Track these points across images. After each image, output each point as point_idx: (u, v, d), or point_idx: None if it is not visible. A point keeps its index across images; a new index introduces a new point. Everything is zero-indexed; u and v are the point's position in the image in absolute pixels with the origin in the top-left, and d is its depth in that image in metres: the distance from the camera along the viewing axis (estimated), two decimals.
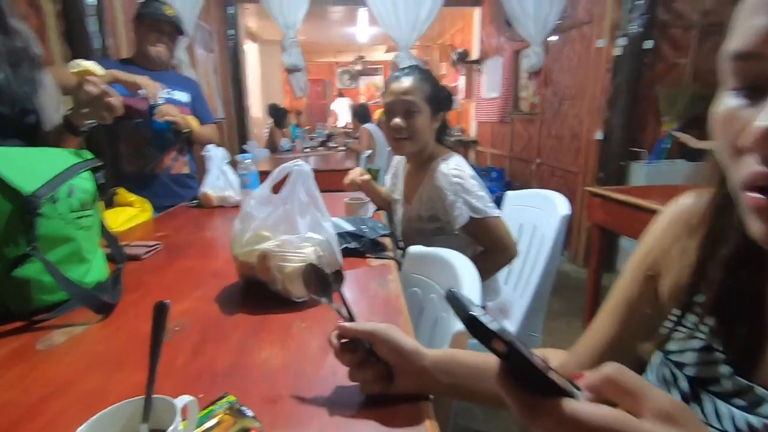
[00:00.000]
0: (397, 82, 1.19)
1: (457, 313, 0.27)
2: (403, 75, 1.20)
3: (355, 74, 10.24)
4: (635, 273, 0.50)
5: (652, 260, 0.48)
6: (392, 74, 1.25)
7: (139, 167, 1.72)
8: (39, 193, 0.72)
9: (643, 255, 0.50)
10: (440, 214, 1.19)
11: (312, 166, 3.08)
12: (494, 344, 0.26)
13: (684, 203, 0.48)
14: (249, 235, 0.81)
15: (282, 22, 2.79)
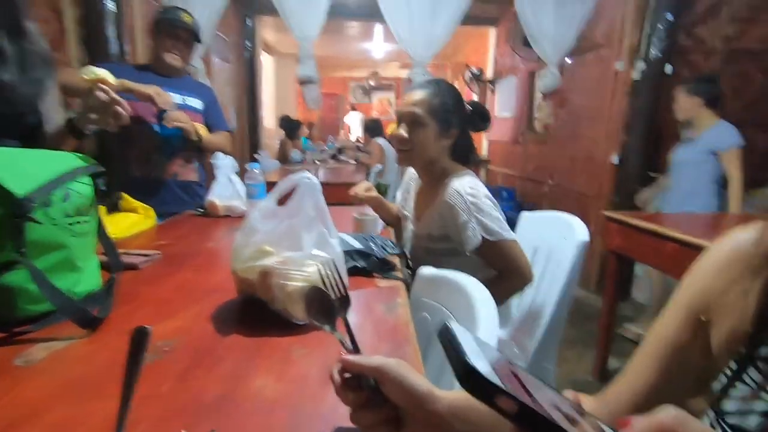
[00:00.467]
0: (409, 93, 1.16)
1: (449, 358, 0.21)
2: (418, 87, 1.16)
3: (368, 89, 10.33)
4: (681, 315, 0.44)
5: (704, 303, 0.42)
6: (411, 85, 1.22)
7: (146, 173, 1.69)
8: (32, 196, 0.68)
9: (691, 295, 0.44)
10: (452, 234, 1.13)
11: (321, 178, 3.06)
12: (500, 402, 0.20)
13: (742, 239, 0.42)
14: (251, 249, 0.76)
15: (299, 34, 2.80)
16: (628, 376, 0.48)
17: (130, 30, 2.70)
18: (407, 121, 1.14)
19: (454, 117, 1.16)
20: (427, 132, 1.13)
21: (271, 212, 0.80)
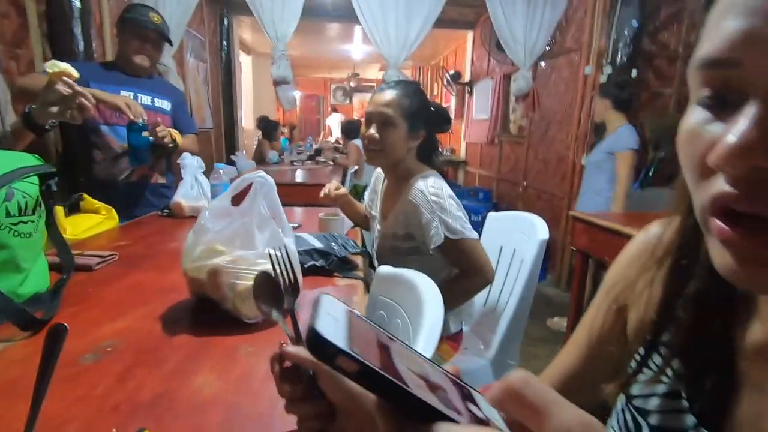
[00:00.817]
0: (379, 94, 1.17)
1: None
2: (388, 88, 1.18)
3: (348, 91, 10.32)
4: (604, 305, 0.46)
5: (619, 292, 0.44)
6: (381, 86, 1.23)
7: (111, 175, 1.65)
8: None
9: (609, 286, 0.46)
10: (416, 233, 1.15)
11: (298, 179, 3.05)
12: (340, 362, 0.21)
13: (653, 232, 0.44)
14: (201, 248, 0.75)
15: (273, 34, 2.78)
16: (557, 364, 0.50)
17: (98, 27, 2.63)
18: (378, 122, 1.15)
19: (422, 118, 1.18)
20: (398, 132, 1.15)
21: (223, 211, 0.80)
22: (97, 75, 1.60)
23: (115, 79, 1.62)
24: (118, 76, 1.64)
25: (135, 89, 1.64)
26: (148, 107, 1.66)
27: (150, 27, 1.63)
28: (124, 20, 1.65)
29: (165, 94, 1.76)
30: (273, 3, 2.74)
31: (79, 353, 0.61)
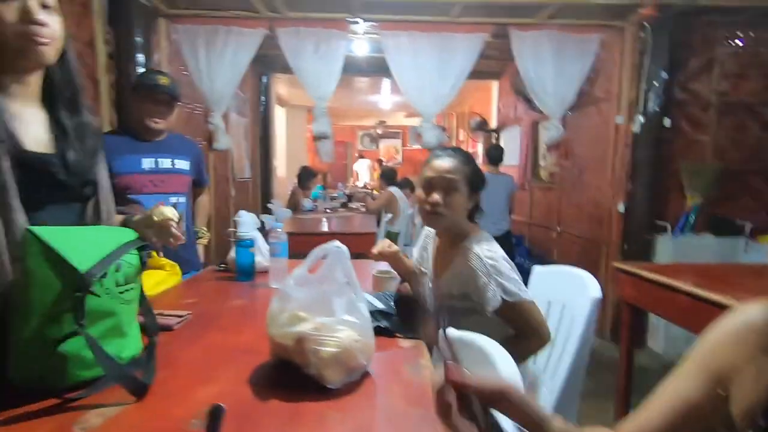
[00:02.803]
0: (440, 160, 1.24)
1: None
2: (447, 155, 1.26)
3: (375, 137, 10.68)
4: (699, 377, 0.48)
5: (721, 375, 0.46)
6: (435, 152, 1.30)
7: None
8: (92, 271, 0.74)
9: (708, 362, 0.48)
10: (472, 294, 1.18)
11: (333, 228, 3.12)
12: None
13: (752, 315, 0.46)
14: (286, 315, 0.81)
15: (314, 93, 2.98)
16: (640, 419, 0.52)
17: None
18: (443, 187, 1.22)
19: (477, 182, 1.25)
20: (461, 196, 1.22)
21: (304, 279, 0.86)
22: (115, 147, 1.57)
23: (134, 148, 1.67)
24: (136, 145, 1.68)
25: (155, 154, 1.70)
26: (169, 171, 1.73)
27: (161, 90, 1.67)
28: (135, 86, 1.70)
29: (184, 153, 1.80)
30: (315, 65, 2.96)
31: (185, 418, 0.66)
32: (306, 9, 2.84)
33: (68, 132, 0.92)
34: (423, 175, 1.27)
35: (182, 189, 1.77)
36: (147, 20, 2.70)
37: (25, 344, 0.71)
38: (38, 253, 0.70)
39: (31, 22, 0.78)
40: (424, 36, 2.94)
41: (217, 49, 2.92)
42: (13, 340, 0.71)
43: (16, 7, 0.77)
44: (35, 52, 0.80)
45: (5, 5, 0.77)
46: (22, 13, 0.78)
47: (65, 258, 0.71)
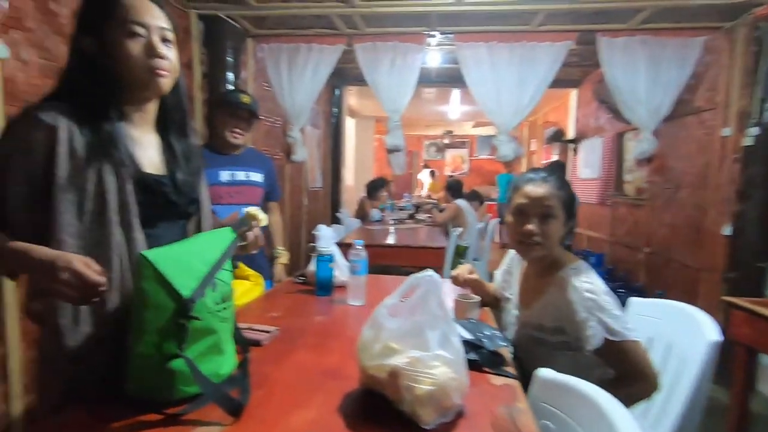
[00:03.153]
0: (533, 186, 1.16)
1: None
2: (540, 179, 1.16)
3: (441, 147, 10.59)
4: None
5: None
6: (527, 176, 1.21)
7: None
8: (194, 296, 0.76)
9: None
10: (568, 329, 1.08)
11: (402, 241, 3.09)
12: None
13: None
14: (379, 346, 0.79)
15: (389, 107, 3.00)
16: None
17: None
18: (538, 215, 1.14)
19: (573, 206, 1.16)
20: (557, 224, 1.14)
21: (396, 308, 0.84)
22: None
23: (214, 160, 1.77)
24: (216, 158, 1.79)
25: (232, 167, 1.81)
26: (244, 182, 1.82)
27: (244, 107, 1.78)
28: (220, 102, 1.82)
29: (257, 167, 1.90)
30: (390, 79, 2.98)
31: None
32: (384, 24, 2.87)
33: (177, 154, 0.98)
34: (514, 202, 1.20)
35: (255, 200, 1.85)
36: (237, 41, 2.89)
37: (139, 359, 0.75)
38: (151, 276, 0.74)
39: (155, 56, 0.84)
40: (504, 46, 2.85)
41: (298, 65, 3.05)
42: (130, 354, 0.76)
43: (142, 43, 0.84)
44: (157, 84, 0.86)
45: (134, 41, 0.83)
46: (147, 48, 0.84)
47: (172, 283, 0.74)
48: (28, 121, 0.76)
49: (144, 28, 0.83)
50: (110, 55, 0.83)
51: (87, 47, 0.84)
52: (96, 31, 0.83)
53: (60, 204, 0.77)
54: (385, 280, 1.86)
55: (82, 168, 0.79)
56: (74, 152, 0.79)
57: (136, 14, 0.83)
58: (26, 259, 0.73)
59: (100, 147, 0.81)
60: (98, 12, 0.83)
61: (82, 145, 0.80)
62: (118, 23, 0.82)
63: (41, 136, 0.76)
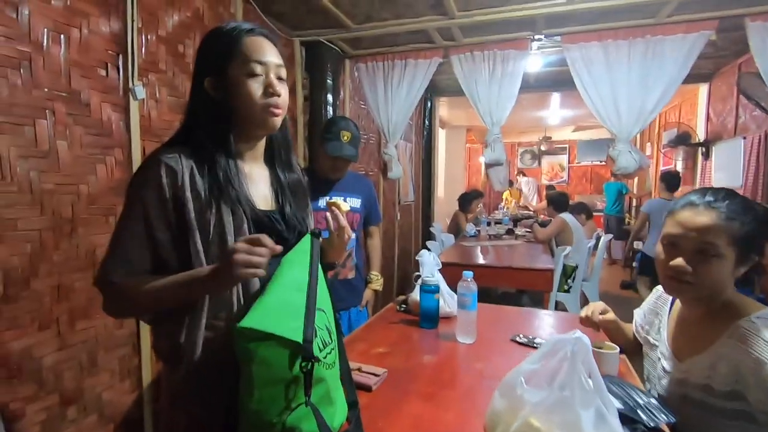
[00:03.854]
0: (692, 212, 0.91)
1: None
2: (704, 204, 0.91)
3: (537, 154, 9.96)
4: None
5: None
6: (688, 197, 0.96)
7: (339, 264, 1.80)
8: (307, 335, 0.71)
9: None
10: (752, 395, 0.84)
11: (502, 260, 2.87)
12: None
13: None
14: (517, 425, 0.66)
15: (488, 120, 2.83)
16: None
17: None
18: (691, 250, 0.91)
19: (757, 240, 0.90)
20: (722, 264, 0.89)
21: (534, 374, 0.70)
22: None
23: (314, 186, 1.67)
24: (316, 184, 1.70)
25: (331, 192, 1.76)
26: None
27: (345, 155, 1.70)
28: (322, 140, 1.74)
29: (356, 192, 1.84)
30: (490, 90, 2.82)
31: None
32: (482, 33, 2.73)
33: (285, 188, 0.96)
34: (665, 229, 0.98)
35: (352, 226, 1.80)
36: (335, 64, 2.97)
37: (251, 416, 0.72)
38: (255, 338, 0.69)
39: (272, 94, 0.83)
40: (622, 44, 2.52)
41: (393, 82, 3.03)
42: (241, 409, 0.73)
43: (261, 82, 0.84)
44: (271, 122, 0.86)
45: (254, 80, 0.83)
46: (266, 86, 0.84)
47: (282, 336, 0.69)
48: (156, 167, 0.79)
49: (263, 67, 0.84)
50: (231, 94, 0.84)
51: (209, 87, 0.85)
52: (218, 71, 0.85)
53: (191, 247, 0.78)
54: (495, 312, 1.71)
55: (204, 210, 0.80)
56: (197, 194, 0.80)
57: (256, 54, 0.83)
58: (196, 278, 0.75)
59: (219, 188, 0.81)
60: (221, 53, 0.85)
61: (203, 186, 0.80)
62: (240, 63, 0.83)
63: (169, 180, 0.78)
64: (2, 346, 1.28)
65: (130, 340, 1.70)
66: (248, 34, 0.84)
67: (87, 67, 1.50)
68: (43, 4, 1.36)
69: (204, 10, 2.02)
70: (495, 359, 1.22)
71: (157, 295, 0.77)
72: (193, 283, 0.76)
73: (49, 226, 1.40)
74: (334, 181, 1.80)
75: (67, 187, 1.45)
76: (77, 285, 1.49)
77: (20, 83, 1.31)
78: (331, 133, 1.72)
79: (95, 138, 1.54)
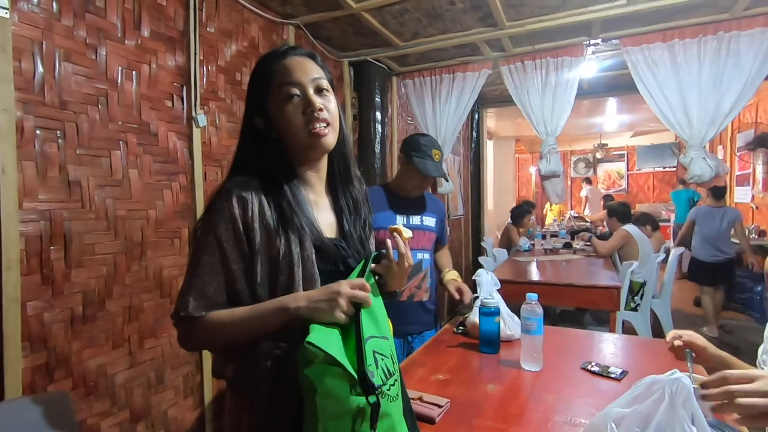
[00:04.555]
0: None
1: None
2: None
3: (591, 162, 9.49)
4: None
5: None
6: None
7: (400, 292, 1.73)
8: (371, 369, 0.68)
9: None
10: None
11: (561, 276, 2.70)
12: None
13: None
14: None
15: (542, 130, 2.72)
16: None
17: (390, 147, 3.16)
18: None
19: None
20: None
21: (624, 419, 0.63)
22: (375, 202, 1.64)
23: (392, 204, 1.70)
24: (393, 202, 1.71)
25: (408, 211, 1.71)
26: (418, 227, 1.71)
27: (432, 174, 1.63)
28: (410, 158, 1.66)
29: (432, 211, 1.78)
30: (543, 100, 2.71)
31: None
32: (534, 41, 2.64)
33: (346, 208, 0.94)
34: None
35: (428, 245, 1.76)
36: (383, 81, 2.99)
37: None
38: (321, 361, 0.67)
39: (312, 110, 0.80)
40: (691, 43, 2.34)
41: (441, 96, 3.01)
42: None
43: (299, 102, 0.81)
44: (320, 144, 0.82)
45: (291, 103, 0.81)
46: (304, 104, 0.81)
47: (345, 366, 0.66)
48: (228, 198, 0.79)
49: (298, 86, 0.81)
50: (276, 126, 0.83)
51: (259, 124, 0.85)
52: (261, 106, 0.84)
53: (258, 276, 0.78)
54: (560, 335, 1.60)
55: (273, 239, 0.79)
56: (266, 224, 0.79)
57: (288, 75, 0.81)
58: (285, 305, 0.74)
59: (286, 218, 0.80)
60: (260, 86, 0.84)
61: (271, 216, 0.80)
62: (276, 92, 0.82)
63: (240, 211, 0.78)
64: (81, 364, 1.36)
65: (193, 359, 1.76)
66: (281, 59, 0.83)
67: (155, 99, 1.60)
68: (118, 45, 1.47)
69: (259, 39, 2.11)
70: (566, 390, 1.13)
71: (242, 327, 0.76)
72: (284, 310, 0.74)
73: (121, 250, 1.49)
74: (412, 199, 1.76)
75: (137, 213, 1.54)
76: (146, 305, 1.57)
77: (98, 118, 1.41)
78: (420, 152, 1.65)
79: (162, 165, 1.63)
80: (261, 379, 0.78)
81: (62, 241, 1.31)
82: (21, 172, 1.22)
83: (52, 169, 1.29)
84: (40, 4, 1.26)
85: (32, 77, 1.25)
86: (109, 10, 1.44)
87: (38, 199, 1.26)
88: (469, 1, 2.15)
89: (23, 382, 1.21)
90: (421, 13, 2.28)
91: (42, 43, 1.26)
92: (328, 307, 0.71)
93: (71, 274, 1.34)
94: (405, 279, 0.92)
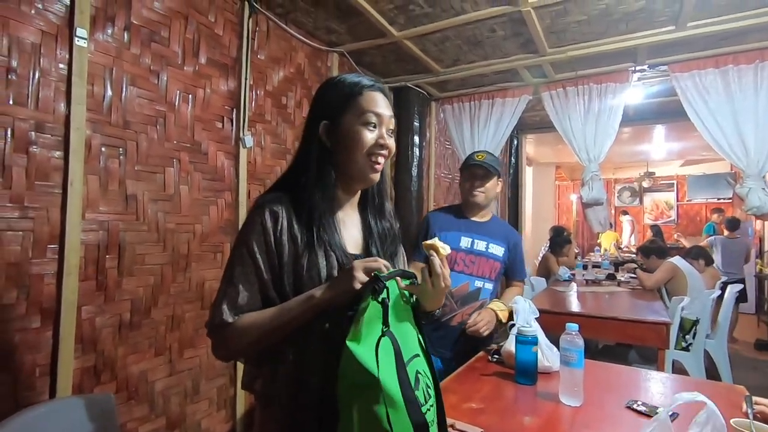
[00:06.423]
0: None
1: None
2: None
3: (637, 191, 9.10)
4: None
5: None
6: None
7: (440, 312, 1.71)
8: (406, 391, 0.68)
9: None
10: None
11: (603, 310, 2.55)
12: None
13: None
14: None
15: (584, 156, 2.66)
16: None
17: (427, 169, 3.18)
18: None
19: None
20: None
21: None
22: (443, 223, 1.74)
23: (458, 225, 1.73)
24: (460, 223, 1.73)
25: (474, 234, 1.71)
26: (482, 253, 1.69)
27: (477, 164, 1.68)
28: (461, 167, 1.77)
29: (500, 239, 1.74)
30: (585, 126, 2.66)
31: None
32: (576, 67, 2.62)
33: (374, 235, 0.96)
34: None
35: (490, 274, 1.71)
36: (422, 106, 3.05)
37: None
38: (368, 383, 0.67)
39: (382, 146, 0.86)
40: (746, 69, 2.24)
41: (480, 121, 3.02)
42: None
43: (374, 133, 0.86)
44: (372, 177, 0.88)
45: (367, 130, 0.86)
46: (377, 138, 0.86)
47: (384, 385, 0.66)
48: (261, 212, 0.83)
49: (378, 118, 0.86)
50: (341, 142, 0.86)
51: (322, 131, 0.87)
52: (333, 118, 0.87)
53: (285, 287, 0.81)
54: (603, 370, 1.51)
55: (300, 253, 0.82)
56: (294, 238, 0.83)
57: (373, 105, 0.86)
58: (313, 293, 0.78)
59: (314, 234, 0.83)
60: (340, 101, 0.87)
61: (300, 230, 0.83)
62: (357, 112, 0.86)
63: (272, 224, 0.82)
64: (125, 369, 1.42)
65: (227, 371, 1.80)
66: (368, 89, 0.88)
67: (207, 121, 1.71)
68: (178, 71, 1.59)
69: (305, 66, 2.21)
70: (608, 429, 1.06)
71: (272, 323, 0.78)
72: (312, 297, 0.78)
73: (169, 261, 1.57)
74: (481, 224, 1.75)
75: (185, 227, 1.63)
76: (187, 315, 1.63)
77: (156, 137, 1.52)
78: (466, 159, 1.76)
79: (210, 182, 1.72)
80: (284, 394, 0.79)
81: (117, 250, 1.41)
82: (86, 185, 1.32)
83: (112, 183, 1.40)
84: (113, 34, 1.40)
85: (102, 99, 1.37)
86: (172, 39, 1.57)
87: (99, 211, 1.36)
88: (510, 29, 2.18)
89: (73, 382, 1.27)
90: (462, 41, 2.32)
91: (112, 69, 1.39)
92: (346, 277, 0.76)
93: (122, 282, 1.42)
94: (441, 299, 0.91)
